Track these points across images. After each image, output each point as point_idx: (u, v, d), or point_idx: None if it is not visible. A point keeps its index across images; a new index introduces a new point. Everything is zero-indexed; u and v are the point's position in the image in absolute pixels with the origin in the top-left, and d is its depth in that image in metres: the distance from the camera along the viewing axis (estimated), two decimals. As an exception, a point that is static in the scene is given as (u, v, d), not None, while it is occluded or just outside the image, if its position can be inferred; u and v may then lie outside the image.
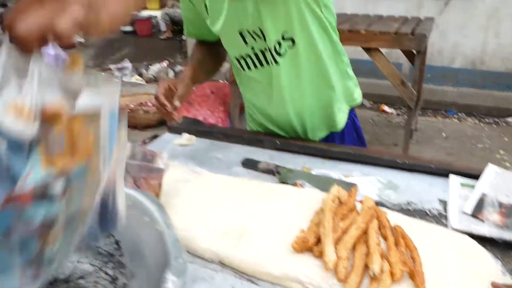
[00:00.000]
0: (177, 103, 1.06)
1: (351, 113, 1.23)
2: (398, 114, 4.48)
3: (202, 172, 1.00)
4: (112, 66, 5.76)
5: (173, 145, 1.19)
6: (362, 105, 4.56)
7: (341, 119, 1.19)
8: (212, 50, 1.23)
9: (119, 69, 5.66)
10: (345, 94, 1.18)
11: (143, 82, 5.28)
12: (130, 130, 3.84)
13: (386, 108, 4.56)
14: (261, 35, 1.03)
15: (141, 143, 3.65)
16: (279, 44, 1.02)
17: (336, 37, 1.09)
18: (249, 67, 1.11)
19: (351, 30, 2.91)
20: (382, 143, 3.79)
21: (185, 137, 1.21)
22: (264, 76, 1.10)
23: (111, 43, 7.20)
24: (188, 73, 1.15)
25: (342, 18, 3.40)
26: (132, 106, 3.86)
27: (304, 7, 0.98)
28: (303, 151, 1.13)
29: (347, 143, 1.21)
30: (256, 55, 1.07)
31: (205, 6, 1.07)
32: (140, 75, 5.51)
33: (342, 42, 1.13)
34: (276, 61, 1.05)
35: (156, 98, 1.08)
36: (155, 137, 1.28)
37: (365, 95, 5.17)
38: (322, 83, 1.11)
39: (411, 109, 2.98)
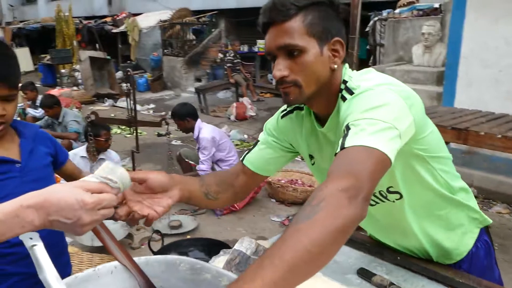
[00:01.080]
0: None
1: (482, 236, 1.15)
2: None
3: (317, 275, 1.06)
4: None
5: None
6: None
7: (459, 251, 1.13)
8: (246, 183, 1.17)
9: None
10: (463, 225, 1.12)
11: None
12: (277, 205, 4.12)
13: None
14: None
15: (285, 220, 3.83)
16: (385, 195, 1.03)
17: (450, 178, 1.06)
18: None
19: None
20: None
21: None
22: None
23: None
24: (182, 178, 1.04)
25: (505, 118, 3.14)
26: (283, 182, 4.13)
27: (408, 166, 0.98)
28: (424, 273, 1.10)
29: (475, 269, 1.12)
30: None
31: (310, 155, 1.14)
32: (298, 151, 5.86)
33: (504, 150, 1.08)
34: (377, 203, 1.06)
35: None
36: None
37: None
38: (433, 220, 1.08)
39: None
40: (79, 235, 0.86)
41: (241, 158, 1.19)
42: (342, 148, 0.79)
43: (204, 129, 3.92)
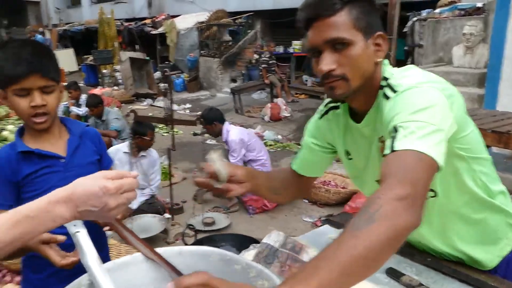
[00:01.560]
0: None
1: None
2: None
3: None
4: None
5: (328, 238, 1.31)
6: None
7: (490, 258, 1.11)
8: (301, 183, 1.28)
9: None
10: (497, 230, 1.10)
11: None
12: (309, 205, 4.11)
13: None
14: None
15: (317, 220, 3.81)
16: None
17: (489, 180, 1.04)
18: None
19: None
20: None
21: (340, 233, 1.31)
22: None
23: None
24: (256, 172, 1.21)
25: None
26: (315, 182, 4.12)
27: (450, 165, 0.96)
28: (455, 275, 1.09)
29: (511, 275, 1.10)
30: None
31: (346, 152, 1.15)
32: (331, 153, 5.80)
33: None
34: None
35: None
36: (330, 215, 1.42)
37: None
38: (465, 225, 1.07)
39: None
40: (108, 220, 0.92)
41: (290, 162, 1.30)
42: (392, 150, 0.80)
43: (232, 132, 3.99)
